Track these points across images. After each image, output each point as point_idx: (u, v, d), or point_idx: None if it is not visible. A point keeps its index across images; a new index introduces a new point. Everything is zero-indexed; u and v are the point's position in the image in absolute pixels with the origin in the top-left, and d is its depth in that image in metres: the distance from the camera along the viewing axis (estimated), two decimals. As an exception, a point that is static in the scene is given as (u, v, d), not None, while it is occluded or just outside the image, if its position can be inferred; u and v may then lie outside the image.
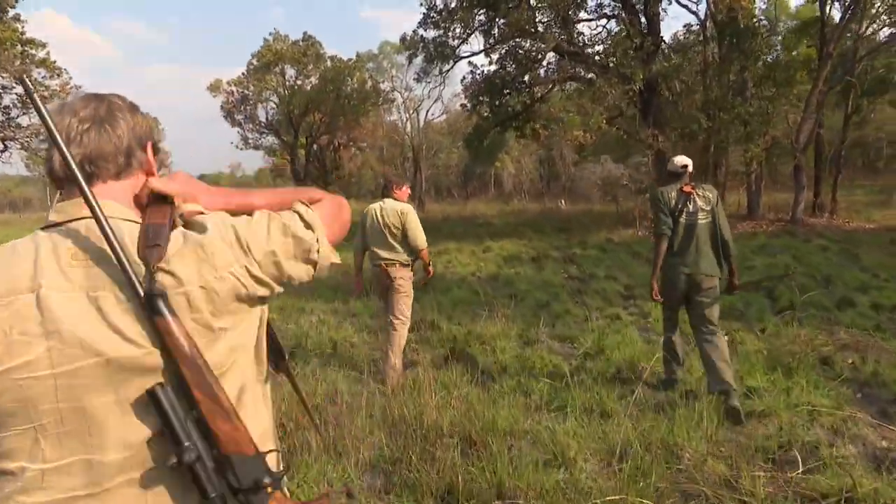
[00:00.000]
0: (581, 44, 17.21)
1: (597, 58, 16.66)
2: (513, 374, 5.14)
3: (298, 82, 27.14)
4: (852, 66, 16.91)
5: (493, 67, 18.61)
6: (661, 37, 16.92)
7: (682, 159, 4.76)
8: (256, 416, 1.14)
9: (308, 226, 1.17)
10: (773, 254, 12.09)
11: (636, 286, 9.27)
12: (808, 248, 12.61)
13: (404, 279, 5.19)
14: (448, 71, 20.26)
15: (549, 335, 6.48)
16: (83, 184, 0.99)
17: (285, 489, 1.16)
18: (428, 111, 46.38)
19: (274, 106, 28.28)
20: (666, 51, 17.04)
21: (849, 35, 16.90)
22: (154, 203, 1.11)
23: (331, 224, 1.24)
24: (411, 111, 45.47)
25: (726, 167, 17.57)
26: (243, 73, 28.01)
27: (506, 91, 20.17)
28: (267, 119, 28.68)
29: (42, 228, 1.08)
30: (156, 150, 1.21)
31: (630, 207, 20.45)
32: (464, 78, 19.44)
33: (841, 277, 9.01)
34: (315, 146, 37.70)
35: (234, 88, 27.78)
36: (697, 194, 4.57)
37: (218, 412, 1.03)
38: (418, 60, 19.89)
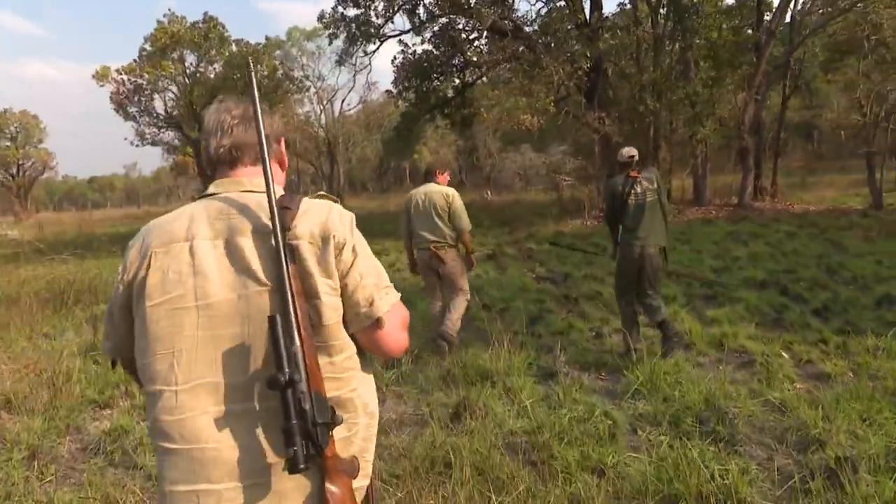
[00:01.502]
0: (518, 21, 15.91)
1: (535, 37, 15.41)
2: (560, 434, 3.68)
3: (201, 69, 24.51)
4: (793, 46, 16.49)
5: (426, 47, 17.03)
6: (605, 14, 15.88)
7: (629, 150, 5.36)
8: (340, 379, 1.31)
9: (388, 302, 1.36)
10: (745, 241, 11.25)
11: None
12: (774, 233, 11.87)
13: (455, 259, 5.38)
14: (375, 52, 18.52)
15: (567, 362, 5.06)
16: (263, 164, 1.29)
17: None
18: (343, 101, 44.17)
19: (173, 96, 25.45)
20: (609, 29, 16.00)
21: (794, 14, 16.47)
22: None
23: (401, 327, 1.41)
24: (325, 102, 43.21)
25: (670, 151, 16.85)
26: (135, 60, 25.02)
27: (434, 76, 18.70)
28: (166, 111, 25.78)
29: (200, 197, 1.38)
30: (287, 145, 1.56)
31: (575, 196, 19.52)
32: (394, 58, 17.74)
33: (844, 267, 8.12)
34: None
35: (124, 77, 24.74)
36: (642, 177, 5.15)
37: (311, 352, 1.22)
38: (339, 42, 18.03)
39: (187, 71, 25.14)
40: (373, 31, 17.20)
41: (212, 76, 24.98)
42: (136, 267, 1.29)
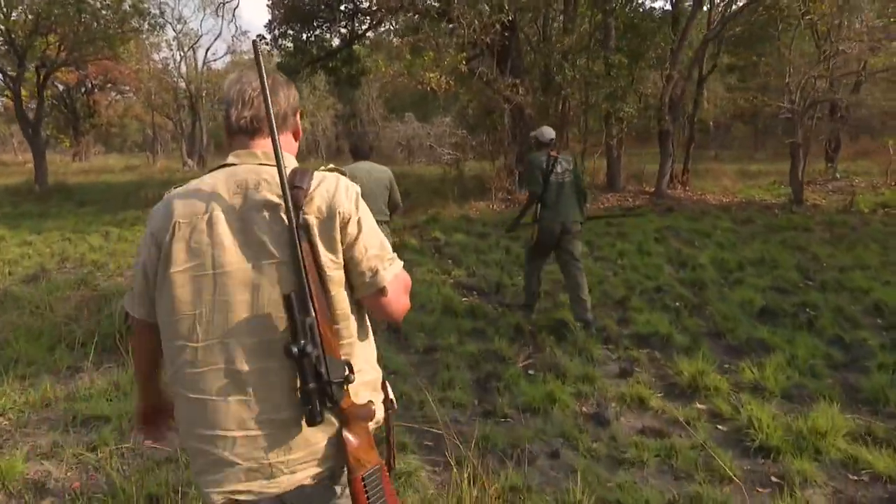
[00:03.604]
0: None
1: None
2: None
3: (19, -12, 19.65)
4: (724, 20, 15.05)
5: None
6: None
7: (549, 131, 5.62)
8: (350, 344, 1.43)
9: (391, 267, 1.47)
10: (691, 241, 9.56)
11: (596, 304, 5.79)
12: (713, 230, 10.26)
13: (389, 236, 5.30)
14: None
15: (587, 506, 2.73)
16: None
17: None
18: (208, 50, 39.28)
19: (-19, 22, 20.34)
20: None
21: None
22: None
23: (404, 292, 1.51)
24: (186, 49, 38.03)
25: (586, 128, 15.07)
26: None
27: (316, 23, 15.71)
28: (-29, 40, 20.60)
29: (220, 166, 1.44)
30: (301, 116, 1.60)
31: (476, 171, 17.36)
32: (269, -8, 14.48)
33: (844, 286, 6.44)
34: (61, 86, 29.46)
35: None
36: (562, 158, 5.47)
37: (324, 321, 1.33)
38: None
39: (1, -9, 20.09)
40: (242, -44, 13.86)
41: (34, -1, 20.12)
42: (161, 234, 1.39)
